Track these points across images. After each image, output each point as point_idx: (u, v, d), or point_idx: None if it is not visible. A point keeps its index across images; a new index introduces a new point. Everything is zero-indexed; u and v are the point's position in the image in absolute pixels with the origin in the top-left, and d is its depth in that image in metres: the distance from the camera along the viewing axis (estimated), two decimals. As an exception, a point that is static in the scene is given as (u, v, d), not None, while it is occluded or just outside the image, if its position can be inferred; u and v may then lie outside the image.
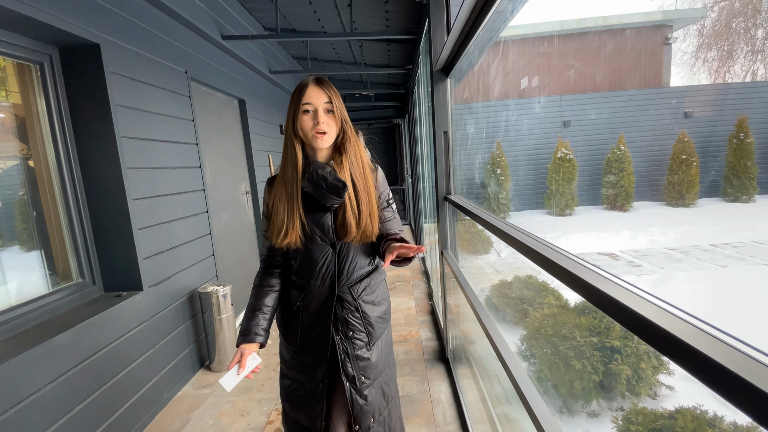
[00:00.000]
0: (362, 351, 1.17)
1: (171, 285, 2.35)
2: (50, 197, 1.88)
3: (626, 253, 5.57)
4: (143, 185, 2.15)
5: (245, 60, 3.53)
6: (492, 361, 2.33)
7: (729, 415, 1.47)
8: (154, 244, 2.22)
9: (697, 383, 1.44)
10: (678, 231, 6.37)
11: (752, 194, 9.01)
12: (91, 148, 1.94)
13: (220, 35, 3.01)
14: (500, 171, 8.97)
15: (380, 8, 3.19)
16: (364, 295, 1.19)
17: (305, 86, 1.07)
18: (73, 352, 1.63)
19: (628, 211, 8.79)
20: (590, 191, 9.65)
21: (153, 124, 2.27)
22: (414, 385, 2.25)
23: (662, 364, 1.95)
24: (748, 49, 11.36)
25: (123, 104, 2.03)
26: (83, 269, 1.98)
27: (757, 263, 4.71)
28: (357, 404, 1.14)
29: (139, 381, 2.02)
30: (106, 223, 2.00)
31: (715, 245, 5.60)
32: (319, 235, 1.12)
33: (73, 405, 1.60)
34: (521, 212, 9.66)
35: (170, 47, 2.48)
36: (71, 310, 1.83)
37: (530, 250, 0.87)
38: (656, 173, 9.45)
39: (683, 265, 4.80)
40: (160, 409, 2.16)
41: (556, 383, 2.05)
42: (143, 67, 2.21)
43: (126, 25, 2.09)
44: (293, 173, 1.10)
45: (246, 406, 2.16)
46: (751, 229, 6.21)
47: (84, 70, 1.89)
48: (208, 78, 2.98)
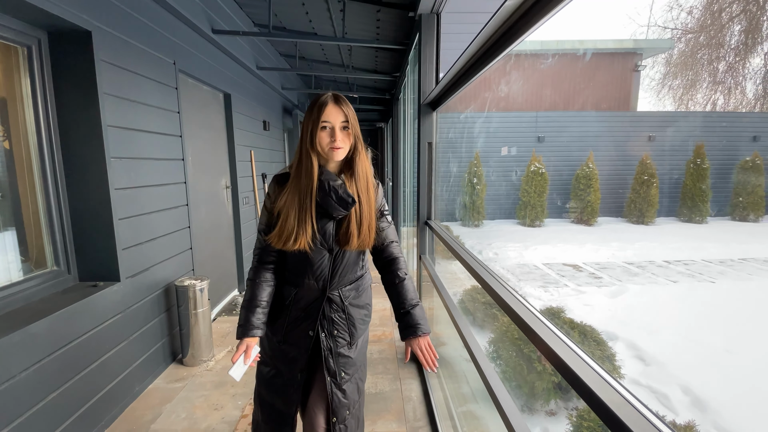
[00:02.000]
0: (344, 349, 1.25)
1: (148, 277, 2.34)
2: (29, 182, 1.85)
3: (589, 265, 5.90)
4: (126, 175, 2.13)
5: (233, 54, 3.53)
6: (461, 362, 2.46)
7: (669, 415, 1.65)
8: (134, 234, 2.20)
9: (643, 385, 1.67)
10: (636, 247, 6.80)
11: (705, 216, 9.73)
12: (76, 135, 1.92)
13: (211, 29, 3.01)
14: (477, 180, 9.24)
15: (372, 16, 3.28)
16: (352, 298, 1.27)
17: (324, 104, 1.12)
18: (49, 341, 1.61)
19: (592, 226, 9.27)
20: (559, 205, 10.11)
21: (139, 115, 2.26)
22: (386, 383, 2.34)
23: (614, 369, 2.14)
24: (710, 80, 12.11)
25: (110, 93, 2.01)
26: (59, 257, 1.95)
27: (704, 280, 5.12)
28: (336, 397, 1.22)
29: (111, 372, 2.00)
30: (86, 211, 1.98)
31: (669, 262, 6.04)
32: (320, 241, 1.19)
33: (47, 393, 1.59)
34: (494, 221, 9.98)
35: (160, 38, 2.47)
36: (46, 298, 1.80)
37: (480, 278, 1.06)
38: (620, 191, 10.01)
39: (639, 279, 5.15)
40: (130, 402, 2.14)
41: (519, 384, 2.20)
42: (133, 56, 2.20)
43: (118, 13, 2.08)
44: (308, 183, 1.14)
45: (220, 400, 2.18)
46: (702, 249, 6.72)
47: (73, 57, 1.87)
48: (195, 70, 2.97)
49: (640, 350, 2.97)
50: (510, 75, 11.46)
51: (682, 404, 2.32)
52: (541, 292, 4.59)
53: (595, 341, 2.20)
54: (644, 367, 2.77)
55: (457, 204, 9.98)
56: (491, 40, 0.99)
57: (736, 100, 12.18)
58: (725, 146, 10.14)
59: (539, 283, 5.03)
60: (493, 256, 6.48)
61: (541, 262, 6.09)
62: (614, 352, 2.24)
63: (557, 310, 2.56)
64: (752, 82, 12.35)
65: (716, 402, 2.32)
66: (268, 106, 4.87)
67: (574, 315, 2.64)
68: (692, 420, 1.63)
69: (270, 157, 4.96)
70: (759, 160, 9.53)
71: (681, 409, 2.27)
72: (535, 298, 4.28)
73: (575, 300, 4.21)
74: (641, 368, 2.75)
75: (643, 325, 3.46)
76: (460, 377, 2.37)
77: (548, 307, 2.65)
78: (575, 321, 2.34)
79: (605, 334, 2.65)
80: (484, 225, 9.47)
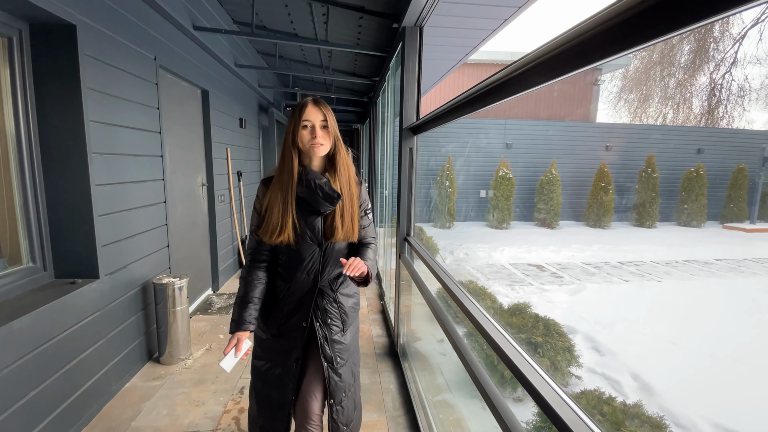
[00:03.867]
0: (338, 336, 1.35)
1: (126, 274, 2.31)
2: (5, 177, 1.80)
3: (551, 266, 6.27)
4: (107, 171, 2.11)
5: (212, 51, 3.50)
6: (436, 355, 2.60)
7: (619, 398, 1.87)
8: (113, 231, 2.18)
9: (598, 373, 1.93)
10: (594, 248, 7.29)
11: (654, 221, 10.55)
12: (57, 130, 1.89)
13: (192, 25, 2.99)
14: (449, 183, 9.51)
15: (354, 22, 3.37)
16: (342, 288, 1.37)
17: (305, 106, 1.24)
18: (30, 338, 1.59)
19: (554, 229, 9.81)
20: (524, 208, 10.60)
21: (120, 110, 2.23)
22: (366, 376, 2.44)
23: (574, 358, 2.36)
24: (662, 95, 13.07)
25: (93, 88, 1.99)
26: (35, 253, 1.90)
27: (652, 279, 5.60)
28: (333, 381, 1.32)
29: (89, 371, 1.97)
30: (66, 207, 1.95)
31: (622, 263, 6.53)
32: (309, 236, 1.28)
33: (26, 392, 1.57)
34: (465, 223, 10.31)
35: (142, 33, 2.45)
36: (22, 295, 1.76)
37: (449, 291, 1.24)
38: (580, 197, 10.65)
39: (596, 278, 5.56)
40: (108, 400, 2.11)
41: (490, 372, 2.37)
42: (115, 51, 2.17)
43: (102, 7, 2.05)
44: (289, 179, 1.24)
45: (201, 397, 2.20)
46: (651, 251, 7.31)
47: (56, 50, 1.84)
48: (175, 66, 2.94)
49: (596, 342, 3.26)
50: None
51: (632, 389, 2.59)
52: (509, 290, 4.86)
53: (558, 333, 2.41)
54: (599, 357, 3.04)
55: (429, 206, 10.23)
56: (474, 95, 1.13)
57: (684, 114, 13.26)
58: (673, 157, 11.03)
59: (506, 281, 5.31)
60: (464, 257, 6.74)
61: (508, 263, 6.41)
62: (573, 344, 2.46)
63: (523, 306, 2.76)
64: (698, 98, 13.40)
65: (660, 386, 2.61)
66: (244, 103, 4.83)
67: (539, 311, 2.85)
68: (639, 400, 1.86)
69: (246, 155, 4.93)
70: (702, 171, 10.46)
71: (631, 393, 2.53)
72: (503, 295, 4.53)
73: (539, 297, 4.49)
74: (597, 358, 3.02)
75: (598, 319, 3.77)
76: (435, 370, 2.51)
77: (515, 303, 2.86)
78: (540, 315, 2.55)
79: (566, 328, 2.89)
80: (455, 226, 9.78)
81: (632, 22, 0.48)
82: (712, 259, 6.93)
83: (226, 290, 4.00)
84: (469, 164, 10.49)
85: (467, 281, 3.68)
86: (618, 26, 0.50)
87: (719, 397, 2.66)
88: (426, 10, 2.14)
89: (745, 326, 3.97)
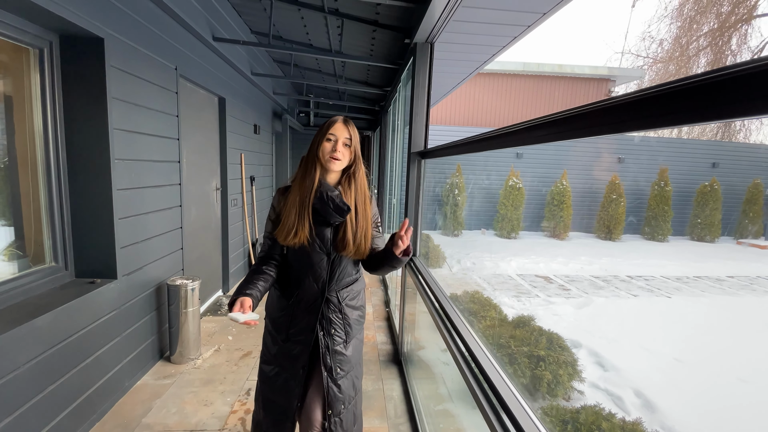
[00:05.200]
0: (340, 347, 1.40)
1: (142, 275, 2.40)
2: (32, 180, 1.90)
3: (559, 278, 6.23)
4: (128, 176, 2.21)
5: (230, 60, 3.62)
6: (439, 365, 2.63)
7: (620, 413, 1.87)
8: (131, 234, 2.27)
9: (601, 388, 1.97)
10: (603, 261, 7.22)
11: (666, 235, 10.38)
12: (82, 137, 1.99)
13: (212, 36, 3.10)
14: (458, 192, 9.53)
15: (368, 35, 3.46)
16: (348, 299, 1.42)
17: (334, 122, 1.33)
18: (52, 335, 1.68)
19: (564, 240, 9.73)
20: (534, 219, 10.54)
21: (142, 118, 2.34)
22: (369, 383, 2.48)
23: (576, 373, 2.37)
24: (675, 108, 12.65)
25: (117, 97, 2.09)
26: (57, 253, 2.00)
27: (662, 295, 5.53)
28: (332, 391, 1.36)
29: (104, 367, 2.06)
30: (88, 210, 2.04)
31: (631, 277, 6.46)
32: (319, 245, 1.34)
33: (46, 386, 1.65)
34: (473, 231, 10.30)
35: (165, 45, 2.56)
36: (45, 293, 1.85)
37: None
38: (590, 208, 10.56)
39: (604, 292, 5.51)
40: (120, 397, 2.20)
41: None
42: (139, 62, 2.28)
43: (129, 21, 2.16)
44: (309, 186, 1.32)
45: (209, 397, 2.27)
46: (661, 266, 7.21)
47: (85, 61, 1.94)
48: (194, 75, 3.05)
49: (601, 357, 3.24)
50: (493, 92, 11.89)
51: (635, 405, 2.58)
52: (515, 301, 4.85)
53: (560, 347, 2.42)
54: (603, 372, 3.03)
55: (437, 214, 10.25)
56: (476, 140, 1.20)
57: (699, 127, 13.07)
58: (687, 171, 10.88)
59: (513, 293, 5.30)
60: (471, 266, 6.74)
61: (515, 273, 6.39)
62: (576, 358, 2.47)
63: (527, 319, 2.78)
64: (714, 111, 13.16)
65: (663, 404, 2.59)
66: (259, 110, 4.96)
67: (543, 323, 2.87)
68: (639, 417, 1.86)
69: (259, 160, 5.04)
70: (717, 185, 10.29)
71: (633, 410, 2.52)
72: (508, 306, 4.53)
73: (545, 310, 4.48)
74: (600, 373, 3.01)
75: (604, 334, 3.75)
76: (437, 379, 2.54)
77: (519, 315, 2.87)
78: (544, 329, 2.57)
79: (570, 342, 2.89)
80: (463, 235, 9.77)
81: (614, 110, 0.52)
82: (724, 275, 6.81)
83: (235, 292, 4.08)
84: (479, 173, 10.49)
85: (473, 291, 3.70)
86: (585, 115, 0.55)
87: (721, 416, 2.63)
88: (437, 28, 2.20)
89: (752, 346, 3.91)
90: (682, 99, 0.38)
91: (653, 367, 3.17)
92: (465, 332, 1.23)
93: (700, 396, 2.86)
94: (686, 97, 0.37)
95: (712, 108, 0.34)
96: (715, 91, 0.33)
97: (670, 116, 0.40)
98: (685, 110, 0.37)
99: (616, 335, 3.75)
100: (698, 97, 0.35)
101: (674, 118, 0.39)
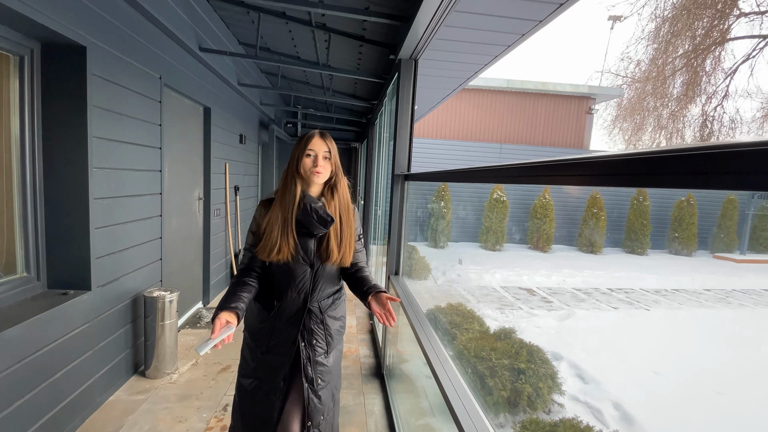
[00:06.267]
0: (321, 357, 1.39)
1: (118, 287, 2.34)
2: (6, 188, 1.85)
3: (542, 290, 6.31)
4: (106, 185, 2.17)
5: (216, 70, 3.62)
6: (422, 378, 2.62)
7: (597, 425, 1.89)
8: (108, 244, 2.22)
9: (581, 401, 2.00)
10: (585, 274, 7.35)
11: (645, 248, 10.66)
12: (61, 145, 1.95)
13: (198, 47, 3.11)
14: (444, 204, 9.62)
15: (354, 49, 3.51)
16: (329, 310, 1.42)
17: (312, 137, 1.34)
18: (20, 348, 1.62)
19: (547, 252, 9.89)
20: (518, 231, 10.70)
21: (123, 127, 2.31)
22: (350, 397, 2.45)
23: (556, 385, 2.39)
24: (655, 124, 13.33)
25: (98, 105, 2.07)
26: (30, 263, 1.94)
27: (641, 307, 5.65)
28: (312, 403, 1.35)
29: (74, 382, 1.98)
30: (63, 219, 2.00)
31: (612, 289, 6.58)
32: (302, 256, 1.34)
33: (13, 401, 1.58)
34: (459, 243, 10.38)
35: (149, 54, 2.55)
36: (16, 304, 1.79)
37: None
38: (573, 222, 10.79)
39: (585, 305, 5.59)
40: (91, 413, 2.11)
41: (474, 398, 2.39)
42: (122, 70, 2.27)
43: (112, 29, 2.15)
44: (291, 202, 1.32)
45: (184, 413, 2.20)
46: (641, 279, 7.38)
47: (66, 69, 1.92)
48: (179, 84, 3.04)
49: (581, 370, 3.28)
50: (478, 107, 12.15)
51: (613, 418, 2.61)
52: (498, 313, 4.89)
53: (541, 360, 2.45)
54: (583, 384, 3.06)
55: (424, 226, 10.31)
56: (455, 172, 1.28)
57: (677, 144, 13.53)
58: (664, 186, 11.21)
59: (496, 305, 5.34)
60: (456, 278, 6.77)
61: (499, 285, 6.44)
62: (557, 371, 2.49)
63: (509, 331, 2.80)
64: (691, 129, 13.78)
65: (641, 416, 2.63)
66: (245, 120, 4.95)
67: (525, 336, 2.89)
68: (616, 430, 1.89)
69: (245, 170, 5.01)
70: (693, 200, 10.67)
71: (611, 423, 2.55)
72: (491, 319, 4.55)
73: (527, 322, 4.52)
74: (580, 386, 3.04)
75: (585, 347, 3.80)
76: (420, 392, 2.52)
77: (501, 327, 2.90)
78: (524, 341, 2.59)
79: (551, 355, 2.92)
80: (448, 247, 9.83)
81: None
82: (701, 288, 7.00)
83: (216, 304, 4.00)
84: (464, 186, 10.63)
85: (456, 303, 3.71)
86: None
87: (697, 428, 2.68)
88: (421, 45, 2.26)
89: (727, 358, 4.01)
90: (660, 163, 0.41)
91: (631, 379, 3.23)
92: (431, 354, 1.25)
93: (677, 408, 2.92)
94: (665, 163, 0.40)
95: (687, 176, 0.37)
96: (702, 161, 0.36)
97: (638, 177, 0.43)
98: (665, 173, 0.41)
99: (596, 348, 3.81)
100: (679, 165, 0.38)
101: (644, 180, 0.43)
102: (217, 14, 3.39)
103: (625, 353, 3.74)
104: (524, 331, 3.91)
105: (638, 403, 2.81)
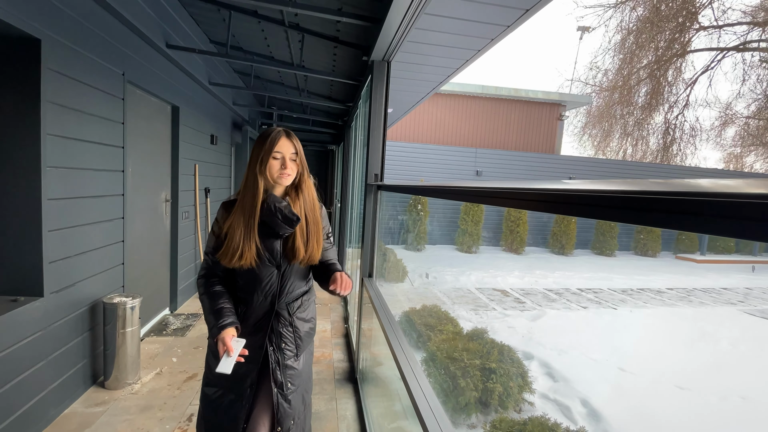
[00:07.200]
0: (291, 361, 1.35)
1: (74, 293, 2.22)
2: (-53, 187, 1.72)
3: (515, 291, 6.44)
4: (62, 185, 2.05)
5: (185, 68, 3.51)
6: (395, 381, 2.61)
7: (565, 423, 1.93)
8: (63, 247, 2.10)
9: (551, 399, 2.03)
10: (556, 275, 7.56)
11: (613, 250, 11.08)
12: (10, 142, 1.84)
13: (165, 43, 3.00)
14: (421, 207, 9.68)
15: (329, 50, 3.49)
16: (298, 312, 1.38)
17: (277, 138, 1.28)
18: (-42, 360, 1.50)
19: (520, 254, 10.12)
20: (493, 234, 10.91)
21: (81, 124, 2.20)
22: (322, 403, 2.41)
23: (527, 384, 2.43)
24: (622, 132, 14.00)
25: (54, 101, 1.96)
26: (-27, 269, 1.81)
27: (608, 306, 5.85)
28: (282, 408, 1.31)
29: (25, 395, 1.86)
30: (12, 221, 1.87)
31: (582, 290, 6.80)
32: (268, 258, 1.30)
33: (-52, 419, 1.46)
34: (435, 246, 10.46)
35: (111, 49, 2.44)
36: (-45, 313, 1.66)
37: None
38: (545, 225, 11.10)
39: (556, 305, 5.74)
40: (44, 427, 1.98)
41: (445, 399, 2.40)
42: (81, 65, 2.16)
43: (70, 21, 2.05)
44: (252, 204, 1.27)
45: (146, 425, 2.10)
46: (609, 279, 7.65)
47: (18, 63, 1.82)
48: (144, 82, 2.93)
49: (551, 368, 3.36)
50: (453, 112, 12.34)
51: (581, 415, 2.68)
52: (472, 314, 4.94)
53: (511, 359, 2.48)
54: (552, 383, 3.13)
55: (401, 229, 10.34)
56: (429, 188, 1.30)
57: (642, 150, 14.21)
58: (630, 190, 11.72)
59: (471, 306, 5.40)
60: (432, 280, 6.82)
61: (474, 287, 6.53)
62: (527, 370, 2.54)
63: (481, 331, 2.83)
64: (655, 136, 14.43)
65: (608, 412, 2.71)
66: (217, 120, 4.82)
67: (498, 336, 2.93)
68: (583, 426, 1.93)
69: (216, 171, 4.87)
70: (656, 203, 11.19)
71: (579, 419, 2.61)
72: (466, 320, 4.60)
73: (500, 323, 4.60)
74: (550, 384, 3.11)
75: (555, 345, 3.89)
76: (393, 396, 2.51)
77: (474, 328, 2.93)
78: (496, 341, 2.62)
79: (522, 354, 2.97)
80: (426, 249, 9.90)
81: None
82: (664, 288, 7.33)
83: (184, 310, 3.86)
84: (442, 189, 10.74)
85: (431, 305, 3.73)
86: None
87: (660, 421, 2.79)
88: (393, 46, 2.26)
89: (688, 354, 4.21)
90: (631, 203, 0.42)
91: (598, 376, 3.33)
92: (401, 357, 1.24)
93: (641, 404, 3.03)
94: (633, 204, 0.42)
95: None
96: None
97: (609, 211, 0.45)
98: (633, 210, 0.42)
99: (566, 346, 3.91)
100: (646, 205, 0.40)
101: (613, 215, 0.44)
102: (186, 11, 3.30)
103: (593, 351, 3.86)
104: (497, 332, 3.96)
105: (605, 399, 2.91)
